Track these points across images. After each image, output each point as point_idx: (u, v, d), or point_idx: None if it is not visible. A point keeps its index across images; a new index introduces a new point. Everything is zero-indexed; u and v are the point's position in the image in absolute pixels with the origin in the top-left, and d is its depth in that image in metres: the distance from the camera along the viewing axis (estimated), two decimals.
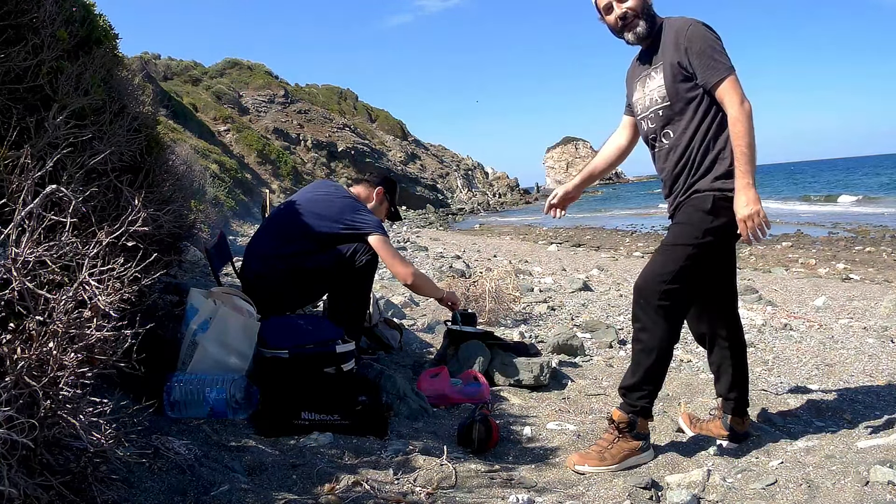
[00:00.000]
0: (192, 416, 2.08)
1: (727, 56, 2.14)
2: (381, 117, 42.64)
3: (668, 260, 2.18)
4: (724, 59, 2.13)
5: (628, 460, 2.17)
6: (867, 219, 16.95)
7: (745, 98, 2.09)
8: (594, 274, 8.14)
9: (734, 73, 2.12)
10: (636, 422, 2.18)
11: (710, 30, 2.17)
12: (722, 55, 2.13)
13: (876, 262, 9.53)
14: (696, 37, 2.15)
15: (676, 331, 2.20)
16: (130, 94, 2.81)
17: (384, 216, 3.30)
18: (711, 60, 2.12)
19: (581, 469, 2.13)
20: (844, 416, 2.65)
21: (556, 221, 24.04)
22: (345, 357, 2.51)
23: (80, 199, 1.31)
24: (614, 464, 2.15)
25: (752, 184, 2.06)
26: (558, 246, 13.82)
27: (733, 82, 2.10)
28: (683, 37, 2.17)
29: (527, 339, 4.01)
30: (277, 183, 24.18)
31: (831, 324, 4.69)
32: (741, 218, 2.06)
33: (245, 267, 3.01)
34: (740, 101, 2.09)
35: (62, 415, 1.14)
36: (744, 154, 2.06)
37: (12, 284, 1.16)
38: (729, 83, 2.10)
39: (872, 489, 1.84)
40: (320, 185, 3.27)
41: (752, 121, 2.08)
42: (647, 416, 2.21)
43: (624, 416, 2.18)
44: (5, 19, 1.85)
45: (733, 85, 2.10)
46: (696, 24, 2.18)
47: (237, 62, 35.81)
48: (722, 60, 2.12)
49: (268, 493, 1.61)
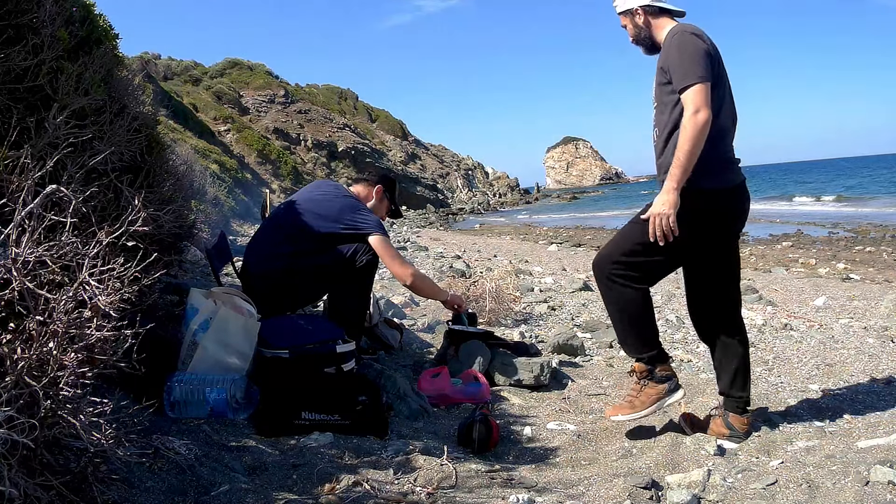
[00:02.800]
0: (192, 416, 2.07)
1: (703, 65, 2.18)
2: (382, 117, 42.65)
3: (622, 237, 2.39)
4: (696, 67, 2.18)
5: (659, 402, 2.35)
6: (867, 219, 16.95)
7: (701, 109, 2.14)
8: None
9: (702, 82, 2.16)
10: (654, 368, 2.35)
11: (696, 37, 2.23)
12: (696, 64, 2.18)
13: (876, 261, 9.52)
14: (676, 44, 2.25)
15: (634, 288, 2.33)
16: (130, 94, 2.81)
17: (384, 214, 3.30)
18: (684, 67, 2.19)
19: (616, 418, 2.37)
20: (844, 416, 2.65)
21: (555, 221, 23.85)
22: (345, 357, 2.51)
23: (80, 199, 1.31)
24: (646, 408, 2.34)
25: (675, 188, 2.16)
26: (559, 246, 13.82)
27: (696, 91, 2.16)
28: (668, 43, 2.29)
29: (527, 339, 4.01)
30: (277, 183, 24.19)
31: (831, 324, 4.69)
32: (652, 214, 2.20)
33: (245, 267, 3.01)
34: (695, 111, 2.14)
35: (62, 415, 1.14)
36: (678, 159, 2.16)
37: (12, 284, 1.16)
38: (692, 91, 2.16)
39: (873, 489, 1.84)
40: (320, 185, 3.27)
41: (698, 131, 2.13)
42: (661, 361, 2.37)
43: (640, 365, 2.37)
44: (5, 19, 1.85)
45: (695, 94, 2.16)
46: (682, 33, 2.26)
47: (237, 62, 35.82)
48: (693, 69, 2.18)
49: (268, 493, 1.61)
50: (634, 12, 2.43)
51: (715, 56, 2.26)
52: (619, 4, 2.48)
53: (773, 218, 19.56)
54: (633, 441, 2.39)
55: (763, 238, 13.97)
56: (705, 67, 2.18)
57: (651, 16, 2.41)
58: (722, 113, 2.27)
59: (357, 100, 42.58)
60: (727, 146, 2.32)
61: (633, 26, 2.45)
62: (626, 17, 2.47)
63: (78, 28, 2.34)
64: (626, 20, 2.47)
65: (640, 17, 2.42)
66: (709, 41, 2.25)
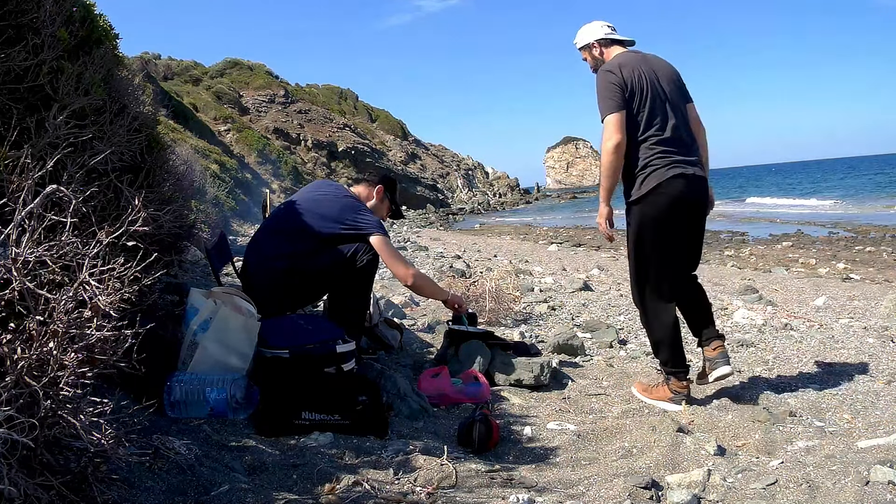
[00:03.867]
0: (192, 416, 2.07)
1: (613, 98, 2.67)
2: (382, 117, 42.65)
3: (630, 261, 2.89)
4: (607, 101, 2.68)
5: (660, 403, 2.81)
6: (868, 218, 16.94)
7: (611, 136, 2.66)
8: (594, 274, 8.13)
9: (612, 113, 2.66)
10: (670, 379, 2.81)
11: (610, 73, 2.71)
12: (607, 98, 2.68)
13: (876, 261, 9.52)
14: (596, 82, 2.77)
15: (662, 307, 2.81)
16: (131, 93, 2.81)
17: (385, 214, 3.30)
18: (599, 103, 2.72)
19: (633, 391, 2.94)
20: (844, 416, 2.65)
21: (556, 221, 23.99)
22: (345, 357, 2.51)
23: (80, 198, 1.31)
24: (650, 399, 2.84)
25: (603, 199, 2.81)
26: (559, 246, 13.82)
27: (607, 122, 2.68)
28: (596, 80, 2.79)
29: (527, 338, 4.01)
30: (278, 183, 24.17)
31: (831, 324, 4.69)
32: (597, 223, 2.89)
33: (245, 267, 3.01)
34: (606, 139, 2.68)
35: (62, 415, 1.14)
36: (601, 178, 2.78)
37: (12, 284, 1.16)
38: (605, 123, 2.69)
39: (873, 489, 1.84)
40: (321, 185, 3.27)
41: (609, 155, 2.68)
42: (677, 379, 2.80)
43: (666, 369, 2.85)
44: (5, 19, 1.85)
45: (606, 124, 2.68)
46: (601, 71, 2.77)
47: (237, 62, 35.79)
48: (605, 103, 2.68)
49: (268, 493, 1.61)
50: (592, 45, 2.91)
51: (633, 84, 2.68)
52: (579, 41, 2.96)
53: (773, 218, 19.57)
54: (633, 441, 2.39)
55: (763, 238, 13.97)
56: (614, 99, 2.66)
57: (604, 47, 2.89)
58: (650, 129, 2.70)
59: (357, 100, 42.58)
60: (655, 154, 2.71)
61: (591, 58, 2.93)
62: (586, 51, 2.95)
63: (78, 28, 2.33)
64: (586, 53, 2.95)
65: (597, 48, 2.90)
66: (623, 73, 2.69)
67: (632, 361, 3.67)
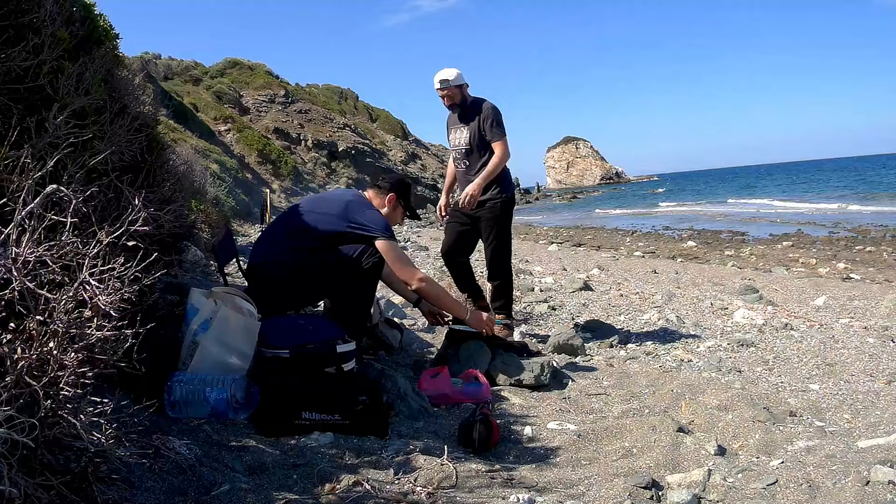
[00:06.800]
0: (192, 416, 2.07)
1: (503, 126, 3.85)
2: (382, 117, 42.63)
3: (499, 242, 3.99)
4: (503, 128, 3.83)
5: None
6: (868, 218, 16.94)
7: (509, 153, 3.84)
8: (595, 273, 8.13)
9: (506, 137, 3.83)
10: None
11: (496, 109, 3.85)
12: (503, 126, 3.83)
13: (876, 261, 9.52)
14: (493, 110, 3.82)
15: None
16: (131, 93, 2.81)
17: (400, 221, 3.30)
18: (500, 125, 3.81)
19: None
20: (844, 416, 2.65)
21: (556, 221, 24.05)
22: (345, 357, 2.50)
23: (80, 198, 1.31)
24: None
25: (478, 185, 3.78)
26: (559, 245, 13.82)
27: (505, 142, 3.83)
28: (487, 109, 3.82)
29: (527, 339, 4.01)
30: (278, 183, 24.16)
31: (832, 323, 4.69)
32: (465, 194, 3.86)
33: (251, 264, 3.01)
34: (508, 154, 3.84)
35: (62, 414, 1.14)
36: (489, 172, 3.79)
37: (13, 284, 1.16)
38: (504, 142, 3.83)
39: (873, 489, 1.84)
40: (333, 189, 3.30)
41: (504, 164, 3.86)
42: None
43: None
44: (6, 19, 1.85)
45: (505, 143, 3.83)
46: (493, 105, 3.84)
47: (237, 62, 35.79)
48: (501, 129, 3.82)
49: (268, 492, 1.61)
50: (465, 85, 3.86)
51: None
52: (457, 80, 3.80)
53: (773, 218, 19.56)
54: (634, 441, 2.39)
55: (763, 238, 13.96)
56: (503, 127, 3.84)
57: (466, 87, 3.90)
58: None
59: (357, 100, 42.56)
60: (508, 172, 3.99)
61: (461, 95, 3.83)
62: (456, 89, 3.81)
63: (78, 28, 2.34)
64: (455, 90, 3.81)
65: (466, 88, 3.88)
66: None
67: (632, 361, 3.67)
